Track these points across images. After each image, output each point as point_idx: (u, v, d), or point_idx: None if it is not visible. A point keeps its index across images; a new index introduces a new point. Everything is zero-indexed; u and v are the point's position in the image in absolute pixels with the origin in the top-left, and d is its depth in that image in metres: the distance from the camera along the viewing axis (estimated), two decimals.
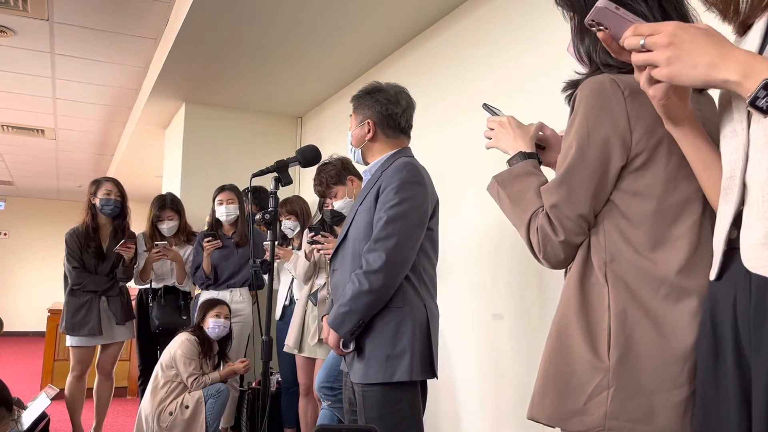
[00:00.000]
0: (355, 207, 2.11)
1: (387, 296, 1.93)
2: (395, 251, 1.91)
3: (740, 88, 0.79)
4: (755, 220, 0.85)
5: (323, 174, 2.94)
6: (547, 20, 2.41)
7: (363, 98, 2.15)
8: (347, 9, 3.13)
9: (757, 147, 0.86)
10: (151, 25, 3.77)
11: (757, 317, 0.84)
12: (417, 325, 1.95)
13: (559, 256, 1.13)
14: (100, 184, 3.70)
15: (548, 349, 1.12)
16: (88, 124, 6.00)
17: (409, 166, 2.01)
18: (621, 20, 0.92)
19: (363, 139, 2.13)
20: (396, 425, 1.90)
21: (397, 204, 1.94)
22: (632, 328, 1.03)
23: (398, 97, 2.13)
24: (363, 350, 1.96)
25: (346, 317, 1.92)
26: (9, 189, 10.23)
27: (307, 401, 3.30)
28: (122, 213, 3.72)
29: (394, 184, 1.97)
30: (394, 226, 1.93)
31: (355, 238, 2.04)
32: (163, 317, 3.73)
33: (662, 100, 0.93)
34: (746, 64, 0.78)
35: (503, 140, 1.32)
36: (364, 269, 1.92)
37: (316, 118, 4.84)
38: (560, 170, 1.12)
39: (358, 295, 1.91)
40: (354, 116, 2.17)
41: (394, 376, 1.89)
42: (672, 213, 1.06)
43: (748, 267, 0.86)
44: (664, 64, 0.84)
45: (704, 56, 0.81)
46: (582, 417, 1.04)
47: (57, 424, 4.07)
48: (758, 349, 0.83)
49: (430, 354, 1.98)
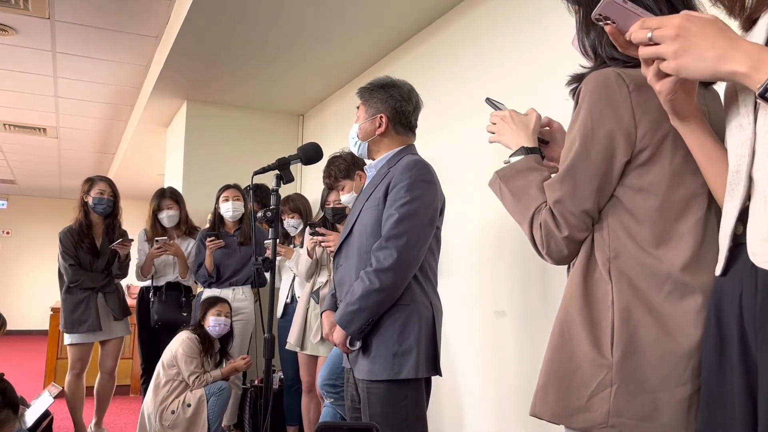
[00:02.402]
0: (361, 203, 2.09)
1: (396, 294, 1.92)
2: (406, 250, 1.90)
3: (749, 80, 0.78)
4: (762, 215, 0.84)
5: (333, 167, 2.95)
6: (548, 16, 2.40)
7: (376, 91, 2.11)
8: (348, 7, 3.12)
9: (764, 141, 0.85)
10: (152, 23, 3.76)
11: (763, 313, 0.83)
12: (423, 323, 1.94)
13: (562, 252, 1.12)
14: (94, 182, 3.72)
15: (551, 345, 1.11)
16: (90, 122, 6.00)
17: (419, 164, 2.00)
18: (629, 14, 0.91)
19: (372, 133, 2.10)
20: (400, 422, 1.90)
21: (408, 202, 1.93)
22: (636, 324, 1.02)
23: (410, 95, 2.12)
24: (369, 347, 1.95)
25: (356, 315, 1.91)
26: (11, 187, 10.24)
27: (310, 399, 3.30)
28: (114, 212, 3.76)
29: (404, 181, 1.95)
30: (405, 224, 1.91)
31: (361, 234, 2.03)
32: (162, 313, 3.73)
33: (670, 95, 0.92)
34: (755, 56, 0.77)
35: (505, 134, 1.31)
36: (374, 267, 1.90)
37: (317, 115, 4.83)
38: (564, 165, 1.11)
39: (368, 294, 1.89)
40: (363, 108, 2.13)
41: (400, 374, 1.88)
42: (677, 209, 1.05)
43: (755, 262, 0.85)
44: (671, 57, 0.83)
45: (712, 48, 0.80)
46: (585, 414, 1.03)
47: (60, 422, 4.08)
48: (764, 345, 0.82)
49: (435, 351, 1.97)
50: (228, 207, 3.74)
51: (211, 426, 3.17)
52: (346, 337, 1.95)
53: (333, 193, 3.21)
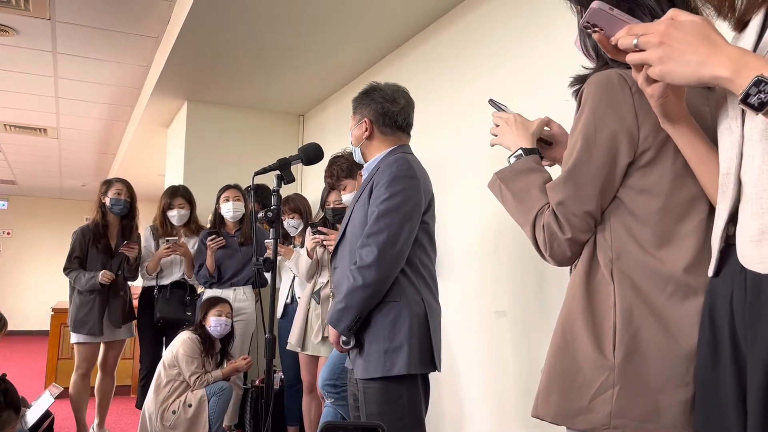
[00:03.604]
0: (353, 204, 2.13)
1: (382, 290, 1.94)
2: (387, 245, 1.93)
3: (732, 85, 0.79)
4: (749, 217, 0.85)
5: (335, 167, 2.98)
6: (551, 17, 2.40)
7: (361, 99, 2.18)
8: (349, 6, 3.12)
9: (752, 143, 0.86)
10: (152, 24, 3.76)
11: (752, 313, 0.84)
12: (414, 319, 1.95)
13: (565, 253, 1.12)
14: (111, 184, 3.78)
15: (553, 346, 1.11)
16: (91, 123, 6.00)
17: (400, 160, 2.03)
18: (615, 21, 0.93)
19: (361, 138, 2.15)
20: (396, 421, 1.90)
21: (387, 198, 1.96)
22: (638, 326, 1.02)
23: (395, 96, 2.15)
24: (363, 346, 1.97)
25: (343, 313, 1.94)
26: (12, 188, 10.25)
27: (311, 399, 3.30)
28: (130, 213, 3.80)
29: (385, 179, 1.99)
30: (385, 220, 1.94)
31: (351, 235, 2.07)
32: (165, 311, 3.74)
33: (660, 99, 0.93)
34: (737, 61, 0.78)
35: (506, 137, 1.31)
36: (357, 264, 1.94)
37: (318, 116, 4.83)
38: (566, 166, 1.11)
39: (353, 291, 1.92)
40: (353, 117, 2.21)
41: (392, 370, 1.90)
42: (679, 210, 1.05)
43: (743, 263, 0.86)
44: (656, 63, 0.84)
45: (695, 54, 0.81)
46: (587, 415, 1.03)
47: (61, 422, 4.08)
48: (753, 345, 0.84)
49: (429, 347, 1.97)
50: (229, 207, 3.74)
51: (212, 426, 3.17)
52: (338, 335, 1.98)
53: (333, 194, 3.22)
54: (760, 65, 0.76)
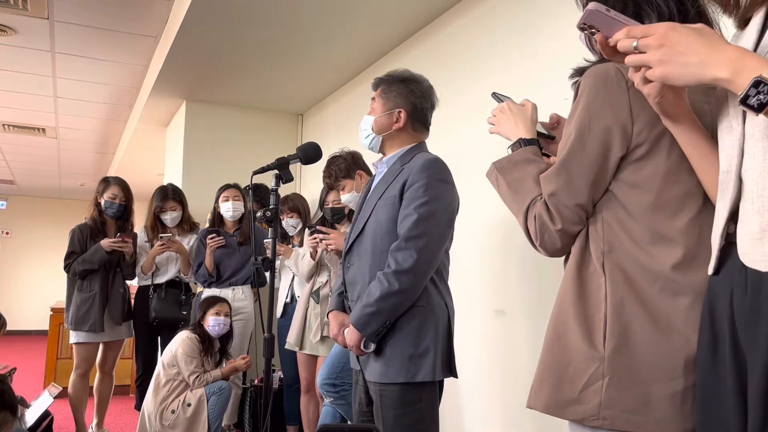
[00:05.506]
0: (373, 200, 2.02)
1: (415, 296, 1.86)
2: (426, 251, 1.85)
3: (732, 86, 0.79)
4: (751, 215, 0.86)
5: (333, 167, 2.93)
6: (557, 11, 2.40)
7: (395, 84, 2.04)
8: (348, 5, 3.12)
9: (753, 142, 0.86)
10: (151, 23, 3.76)
11: (752, 312, 0.84)
12: (440, 324, 1.90)
13: (556, 244, 1.13)
14: (109, 185, 3.77)
15: (546, 339, 1.12)
16: (89, 122, 6.00)
17: (436, 163, 1.95)
18: (613, 22, 0.93)
19: (389, 128, 2.03)
20: (414, 425, 1.85)
21: (427, 202, 1.88)
22: (629, 318, 1.03)
23: (429, 92, 2.07)
24: (382, 349, 1.89)
25: (373, 317, 1.84)
26: (11, 188, 10.24)
27: (309, 398, 3.30)
28: (125, 215, 3.80)
29: (422, 180, 1.89)
30: (425, 224, 1.86)
31: (375, 233, 1.96)
32: (161, 310, 3.74)
33: (656, 98, 0.94)
34: (737, 62, 0.79)
35: (504, 126, 1.31)
36: (393, 269, 1.84)
37: (317, 115, 4.83)
38: (560, 158, 1.12)
39: (387, 296, 1.83)
40: (380, 101, 2.05)
41: (416, 376, 1.83)
42: (671, 206, 1.06)
43: (744, 261, 0.87)
44: (656, 65, 0.85)
45: (695, 56, 0.82)
46: (577, 406, 1.04)
47: (60, 422, 4.08)
48: (753, 343, 0.84)
49: (450, 353, 1.93)
50: (228, 207, 3.74)
51: (212, 425, 3.17)
52: (360, 339, 1.88)
53: (332, 193, 3.21)
54: (759, 66, 0.77)
